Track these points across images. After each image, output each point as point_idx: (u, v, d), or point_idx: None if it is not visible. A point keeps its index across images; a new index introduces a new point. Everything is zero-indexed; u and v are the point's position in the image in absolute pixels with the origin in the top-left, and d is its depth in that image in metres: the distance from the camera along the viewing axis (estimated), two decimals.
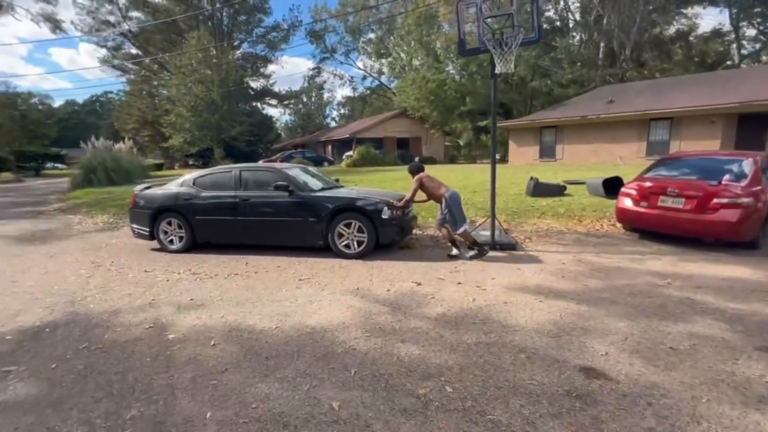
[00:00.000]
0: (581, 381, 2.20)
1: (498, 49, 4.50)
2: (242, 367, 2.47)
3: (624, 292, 3.56)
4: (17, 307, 3.61)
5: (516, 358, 2.47)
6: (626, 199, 5.53)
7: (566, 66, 26.11)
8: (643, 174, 5.78)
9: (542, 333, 2.81)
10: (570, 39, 30.94)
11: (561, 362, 2.40)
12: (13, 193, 16.01)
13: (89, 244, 6.45)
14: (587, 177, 10.71)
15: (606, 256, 4.82)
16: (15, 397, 2.22)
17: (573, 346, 2.60)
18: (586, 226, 6.44)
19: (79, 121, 60.24)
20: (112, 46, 39.86)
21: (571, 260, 4.67)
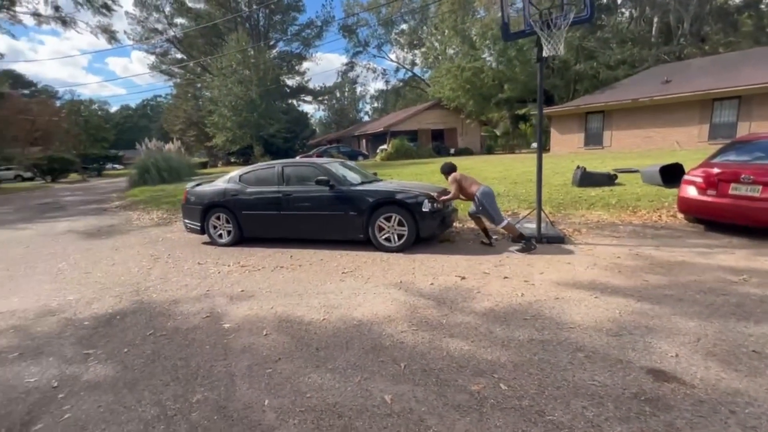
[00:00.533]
0: (650, 384, 2.04)
1: (545, 31, 4.25)
2: (294, 357, 2.54)
3: (692, 289, 3.26)
4: (91, 296, 3.96)
5: (574, 357, 2.34)
6: (690, 188, 5.06)
7: (614, 46, 24.26)
8: (710, 159, 5.26)
9: (601, 331, 2.64)
10: (618, 16, 28.71)
11: (625, 363, 2.25)
12: (80, 192, 17.61)
13: (147, 238, 6.94)
14: (640, 164, 9.96)
15: (667, 249, 4.45)
16: (95, 378, 2.44)
17: (637, 346, 2.42)
18: (642, 218, 5.99)
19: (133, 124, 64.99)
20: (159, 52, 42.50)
21: (627, 254, 4.36)
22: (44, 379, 2.45)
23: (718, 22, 26.88)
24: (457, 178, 5.01)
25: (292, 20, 42.58)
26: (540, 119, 5.01)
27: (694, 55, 24.42)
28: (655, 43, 25.46)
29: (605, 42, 24.97)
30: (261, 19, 41.10)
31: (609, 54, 23.80)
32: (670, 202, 6.29)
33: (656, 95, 15.97)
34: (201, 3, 39.74)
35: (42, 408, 2.15)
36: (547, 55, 4.34)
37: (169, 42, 41.19)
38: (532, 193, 7.51)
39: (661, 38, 26.38)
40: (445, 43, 30.45)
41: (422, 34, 42.02)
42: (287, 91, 42.71)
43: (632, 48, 23.50)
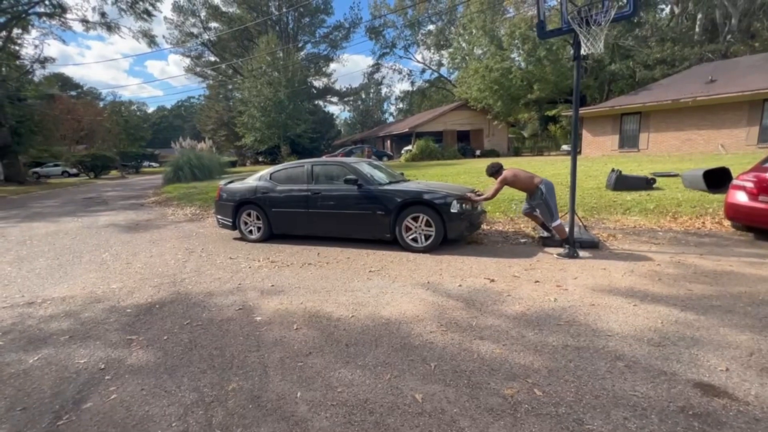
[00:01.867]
0: (698, 398, 1.93)
1: (584, 28, 4.10)
2: (325, 352, 2.58)
3: (742, 301, 3.06)
4: (132, 286, 4.18)
5: (613, 366, 2.24)
6: (739, 193, 4.75)
7: (653, 44, 23.14)
8: (762, 163, 4.92)
9: (641, 341, 2.52)
10: (658, 13, 27.38)
11: (669, 375, 2.14)
12: (120, 188, 18.62)
13: (182, 232, 7.24)
14: (680, 168, 9.45)
15: (713, 258, 4.20)
16: (138, 362, 2.56)
17: (682, 358, 2.29)
18: (683, 224, 5.67)
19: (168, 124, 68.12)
20: (194, 55, 44.37)
21: (667, 261, 4.14)
22: (92, 361, 2.60)
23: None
24: (506, 178, 4.81)
25: (320, 23, 43.34)
26: (575, 119, 4.84)
27: (742, 52, 22.90)
28: (698, 40, 24.08)
29: (643, 40, 23.87)
30: (290, 22, 42.08)
31: (647, 53, 22.74)
32: (715, 209, 5.93)
33: (699, 95, 15.09)
34: (234, 7, 41.17)
35: (91, 388, 2.29)
36: (586, 54, 4.19)
37: (203, 45, 42.93)
38: (563, 196, 7.27)
39: (705, 36, 24.93)
40: (473, 44, 30.05)
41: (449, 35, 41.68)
42: (314, 92, 43.49)
43: (673, 46, 22.34)
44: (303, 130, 32.52)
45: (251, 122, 31.66)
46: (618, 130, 18.16)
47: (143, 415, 2.02)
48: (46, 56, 28.90)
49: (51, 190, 19.27)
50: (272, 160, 31.98)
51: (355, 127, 55.26)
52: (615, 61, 23.86)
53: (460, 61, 34.55)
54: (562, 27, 4.32)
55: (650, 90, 18.86)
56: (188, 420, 1.96)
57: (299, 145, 33.01)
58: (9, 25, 24.69)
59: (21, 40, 27.33)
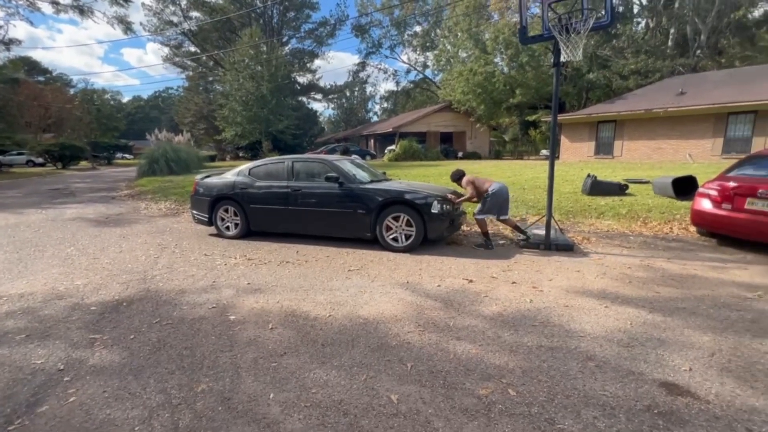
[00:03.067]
0: (663, 397, 2.00)
1: (564, 36, 4.20)
2: (300, 352, 2.52)
3: (705, 303, 3.20)
4: (99, 282, 3.98)
5: (584, 366, 2.30)
6: (705, 201, 4.99)
7: (629, 55, 24.06)
8: (725, 173, 5.17)
9: (612, 341, 2.59)
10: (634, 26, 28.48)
11: (637, 374, 2.20)
12: (90, 180, 17.79)
13: (155, 227, 6.98)
14: (651, 176, 9.85)
15: (679, 262, 4.38)
16: (101, 362, 2.44)
17: (649, 358, 2.37)
18: (653, 229, 5.91)
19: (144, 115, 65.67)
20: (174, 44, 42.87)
21: (637, 265, 4.30)
22: (50, 361, 2.45)
23: (735, 36, 26.55)
24: (470, 180, 5.20)
25: (306, 18, 42.77)
26: (554, 125, 4.96)
27: (710, 67, 24.14)
28: (670, 54, 25.19)
29: (619, 51, 24.78)
30: (275, 16, 41.33)
31: (623, 63, 23.61)
32: (682, 215, 6.20)
33: (670, 107, 15.79)
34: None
35: (47, 390, 2.15)
36: (565, 60, 4.30)
37: (183, 35, 41.54)
38: (541, 199, 7.46)
39: (676, 50, 26.10)
40: (457, 46, 30.40)
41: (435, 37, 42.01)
42: (298, 88, 42.88)
43: (646, 58, 23.29)
44: (285, 126, 32.02)
45: (232, 116, 30.91)
46: (594, 137, 18.77)
47: (104, 419, 1.91)
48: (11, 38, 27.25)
49: (14, 180, 18.21)
50: (253, 155, 31.33)
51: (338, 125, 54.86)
52: (593, 70, 24.65)
53: (445, 63, 34.88)
54: (543, 33, 4.41)
55: (625, 99, 19.58)
56: (153, 423, 1.87)
57: (281, 141, 32.49)
58: None
59: None
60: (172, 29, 40.48)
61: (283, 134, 32.40)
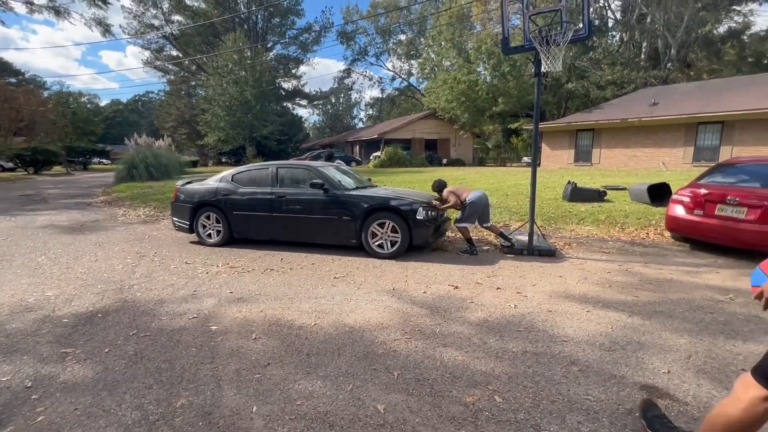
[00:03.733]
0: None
1: (544, 47, 4.33)
2: (284, 363, 2.47)
3: (681, 307, 3.31)
4: (72, 292, 3.81)
5: (568, 371, 2.33)
6: (678, 207, 5.18)
7: (605, 67, 25.02)
8: (697, 180, 5.40)
9: (594, 345, 2.64)
10: (609, 39, 29.67)
11: (618, 378, 2.25)
12: (64, 185, 17.12)
13: (133, 235, 6.75)
14: (627, 182, 10.20)
15: (655, 266, 4.53)
16: (73, 378, 2.32)
17: (630, 362, 2.43)
18: (630, 234, 6.10)
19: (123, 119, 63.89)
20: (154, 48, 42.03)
21: (617, 270, 4.42)
22: (17, 378, 2.32)
23: (703, 50, 28.00)
24: (451, 190, 5.32)
25: (290, 24, 42.68)
26: (536, 133, 5.08)
27: (680, 79, 25.34)
28: (643, 66, 26.32)
29: (596, 62, 25.73)
30: (260, 21, 41.12)
31: (599, 74, 24.52)
32: (657, 220, 6.42)
33: (644, 116, 16.46)
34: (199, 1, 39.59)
35: (13, 409, 2.03)
36: (546, 71, 4.42)
37: (164, 38, 40.80)
38: (524, 205, 7.61)
39: (649, 62, 27.30)
40: (441, 55, 30.93)
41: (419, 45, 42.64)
42: (283, 93, 42.64)
43: (621, 70, 24.26)
44: (270, 132, 31.75)
45: (215, 121, 30.45)
46: (574, 144, 19.34)
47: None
48: None
49: None
50: (236, 161, 30.90)
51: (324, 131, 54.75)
52: (572, 80, 25.51)
53: (429, 71, 35.40)
54: (524, 44, 4.53)
55: (602, 109, 20.30)
56: None
57: (266, 146, 32.17)
58: None
59: None
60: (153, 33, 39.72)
61: (267, 140, 32.10)
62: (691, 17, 24.80)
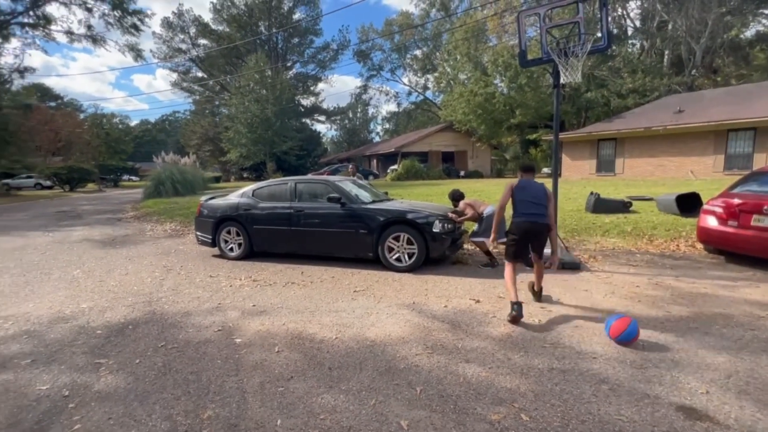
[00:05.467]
0: (681, 422, 1.94)
1: (563, 59, 4.32)
2: (307, 376, 2.49)
3: (718, 323, 3.15)
4: (104, 305, 3.97)
5: (597, 390, 2.24)
6: (710, 218, 4.97)
7: (626, 75, 24.56)
8: (729, 189, 5.18)
9: (624, 363, 2.54)
10: (629, 47, 29.20)
11: (652, 398, 2.15)
12: (96, 202, 18.00)
13: (160, 249, 7.01)
14: (654, 193, 9.86)
15: (688, 280, 4.33)
16: (107, 388, 2.41)
17: (664, 381, 2.32)
18: (659, 247, 5.87)
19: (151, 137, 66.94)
20: (182, 70, 44.31)
21: (646, 283, 4.25)
22: (55, 387, 2.43)
23: (729, 55, 27.13)
24: (468, 203, 5.27)
25: (309, 43, 44.20)
26: (556, 145, 5.03)
27: (706, 86, 24.57)
28: (666, 73, 25.69)
29: (616, 71, 25.30)
30: (279, 42, 42.75)
31: (620, 83, 24.06)
32: (688, 232, 6.17)
33: (669, 124, 15.97)
34: (224, 25, 41.61)
35: (52, 417, 2.12)
36: (564, 82, 4.40)
37: (191, 61, 42.98)
38: None
39: (672, 69, 26.64)
40: (457, 69, 31.19)
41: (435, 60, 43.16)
42: (302, 110, 43.84)
43: (643, 77, 23.74)
44: (289, 147, 32.54)
45: (237, 138, 31.49)
46: (595, 154, 18.92)
47: None
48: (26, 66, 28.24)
49: (21, 203, 18.47)
50: (257, 176, 31.72)
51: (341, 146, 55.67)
52: (591, 90, 25.13)
53: (445, 85, 35.70)
54: (542, 57, 4.54)
55: (624, 118, 19.85)
56: None
57: (285, 162, 32.93)
58: None
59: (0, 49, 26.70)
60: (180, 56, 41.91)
61: (287, 155, 32.88)
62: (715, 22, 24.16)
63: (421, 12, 42.73)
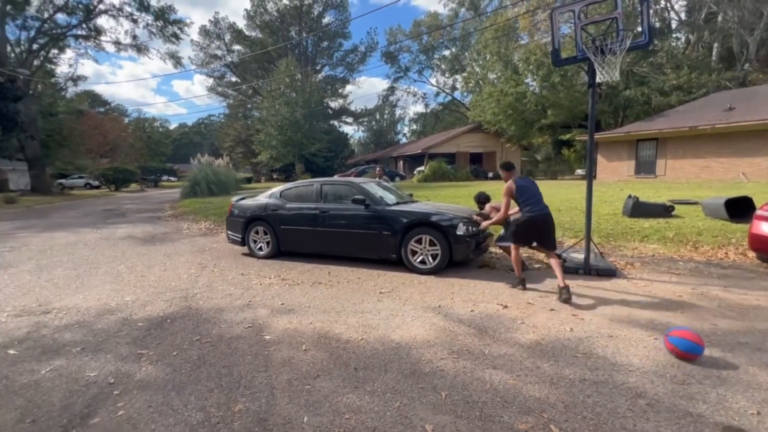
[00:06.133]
0: None
1: (599, 57, 4.14)
2: (333, 376, 2.53)
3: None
4: (145, 299, 4.22)
5: (634, 404, 2.13)
6: (764, 224, 4.60)
7: (669, 71, 23.14)
8: None
9: (664, 377, 2.40)
10: (673, 41, 27.51)
11: (695, 416, 2.02)
12: (138, 201, 19.14)
13: (196, 246, 7.35)
14: (700, 196, 9.24)
15: (738, 291, 4.02)
16: (147, 377, 2.56)
17: (709, 398, 2.17)
18: (705, 254, 5.49)
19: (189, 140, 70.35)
20: (217, 75, 46.32)
21: (690, 293, 3.99)
22: (102, 374, 2.61)
23: None
24: (494, 205, 5.11)
25: (338, 47, 44.93)
26: (591, 145, 4.83)
27: (761, 81, 22.67)
28: (715, 68, 23.97)
29: (658, 67, 23.90)
30: (309, 46, 43.75)
31: (662, 79, 22.70)
32: (738, 239, 5.73)
33: (718, 123, 14.90)
34: (256, 31, 43.13)
35: (99, 403, 2.28)
36: (600, 81, 4.22)
37: (226, 66, 44.84)
38: (578, 221, 7.17)
39: (722, 64, 24.83)
40: (487, 69, 30.61)
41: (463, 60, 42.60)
42: (330, 112, 44.63)
43: (689, 73, 22.28)
44: (318, 149, 33.19)
45: (268, 140, 32.49)
46: (634, 155, 17.97)
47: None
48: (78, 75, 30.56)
49: (73, 201, 19.94)
50: (286, 177, 32.56)
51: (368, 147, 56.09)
52: (630, 87, 23.88)
53: (474, 85, 35.12)
54: (577, 55, 4.37)
55: (666, 116, 18.73)
56: None
57: (314, 163, 33.62)
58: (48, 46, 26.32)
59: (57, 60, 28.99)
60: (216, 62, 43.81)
61: (315, 157, 33.56)
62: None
63: (449, 12, 42.36)
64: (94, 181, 33.36)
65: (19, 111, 21.19)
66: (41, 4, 24.35)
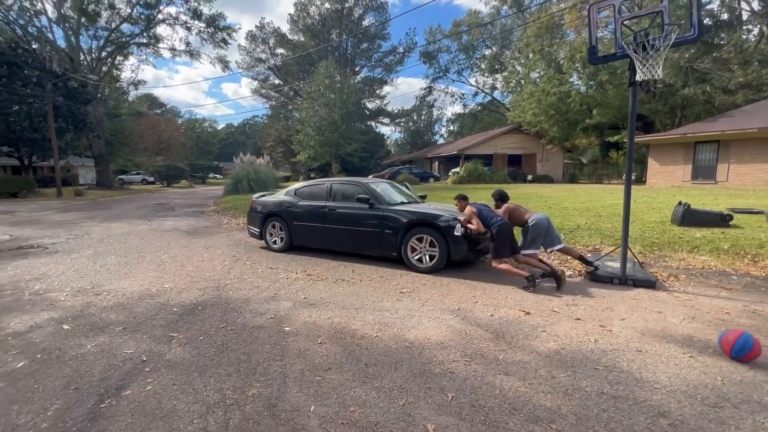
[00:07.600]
0: None
1: (640, 53, 3.89)
2: (344, 369, 2.59)
3: None
4: (182, 286, 4.55)
5: (654, 423, 2.00)
6: None
7: (735, 67, 21.01)
8: None
9: (693, 398, 2.22)
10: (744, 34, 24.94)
11: None
12: (186, 196, 20.53)
13: (232, 240, 7.77)
14: (766, 205, 8.32)
15: None
16: (175, 358, 2.77)
17: (743, 425, 1.98)
18: (765, 269, 4.95)
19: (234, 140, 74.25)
20: (261, 78, 48.45)
21: (740, 310, 3.63)
22: (137, 352, 2.86)
23: None
24: (509, 208, 4.93)
25: (377, 48, 45.38)
26: (630, 147, 4.53)
27: None
28: None
29: (723, 63, 21.78)
30: (349, 48, 44.57)
31: (727, 76, 20.67)
32: None
33: None
34: (299, 35, 44.63)
35: (132, 377, 2.51)
36: (641, 79, 3.95)
37: (269, 69, 46.82)
38: (619, 228, 6.74)
39: None
40: (528, 67, 29.49)
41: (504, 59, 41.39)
42: (367, 113, 45.18)
43: (759, 69, 20.11)
44: (354, 149, 33.73)
45: (306, 140, 33.52)
46: (691, 159, 16.54)
47: (170, 409, 2.17)
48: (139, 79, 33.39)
49: (130, 195, 21.80)
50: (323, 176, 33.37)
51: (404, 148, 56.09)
52: (689, 85, 21.96)
53: (515, 84, 34.00)
54: (615, 52, 4.13)
55: (731, 117, 17.05)
56: (208, 419, 2.07)
57: (349, 163, 34.21)
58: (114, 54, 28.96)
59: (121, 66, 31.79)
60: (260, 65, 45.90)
61: (351, 156, 34.14)
62: None
63: (491, 10, 41.31)
64: (150, 177, 36.22)
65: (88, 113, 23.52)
66: (109, 16, 26.88)
